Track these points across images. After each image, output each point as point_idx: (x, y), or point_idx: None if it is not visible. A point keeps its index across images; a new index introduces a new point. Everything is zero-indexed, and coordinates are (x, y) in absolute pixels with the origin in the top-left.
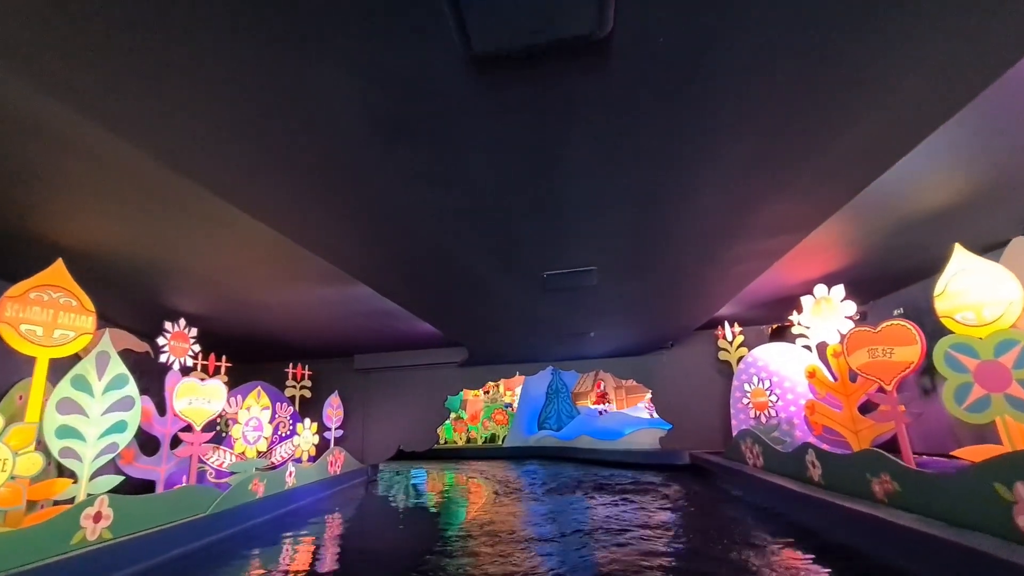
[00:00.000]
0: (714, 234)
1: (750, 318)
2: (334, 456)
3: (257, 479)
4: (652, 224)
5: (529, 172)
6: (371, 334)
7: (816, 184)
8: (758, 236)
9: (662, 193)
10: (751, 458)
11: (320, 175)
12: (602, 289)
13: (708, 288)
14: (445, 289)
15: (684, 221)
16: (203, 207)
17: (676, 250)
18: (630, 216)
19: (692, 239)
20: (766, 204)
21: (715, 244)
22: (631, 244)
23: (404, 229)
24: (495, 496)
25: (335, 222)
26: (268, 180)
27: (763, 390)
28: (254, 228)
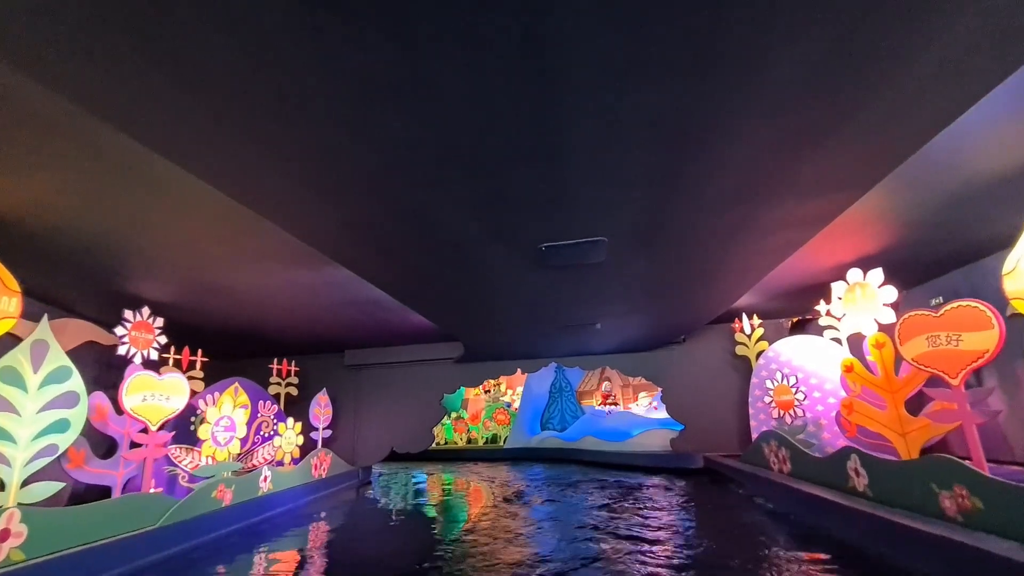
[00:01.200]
0: (753, 190)
1: (770, 310)
2: (319, 458)
3: (223, 485)
4: (674, 180)
5: (521, 111)
6: (361, 327)
7: (883, 125)
8: (804, 194)
9: (691, 127)
10: (776, 463)
11: (280, 134)
12: (609, 268)
13: (733, 267)
14: (427, 265)
15: (717, 170)
16: (154, 171)
17: (700, 216)
18: (647, 169)
19: (722, 197)
20: (821, 147)
21: (750, 206)
22: (645, 207)
23: (376, 193)
24: (494, 503)
25: (297, 188)
26: (224, 141)
27: (788, 387)
28: (218, 201)
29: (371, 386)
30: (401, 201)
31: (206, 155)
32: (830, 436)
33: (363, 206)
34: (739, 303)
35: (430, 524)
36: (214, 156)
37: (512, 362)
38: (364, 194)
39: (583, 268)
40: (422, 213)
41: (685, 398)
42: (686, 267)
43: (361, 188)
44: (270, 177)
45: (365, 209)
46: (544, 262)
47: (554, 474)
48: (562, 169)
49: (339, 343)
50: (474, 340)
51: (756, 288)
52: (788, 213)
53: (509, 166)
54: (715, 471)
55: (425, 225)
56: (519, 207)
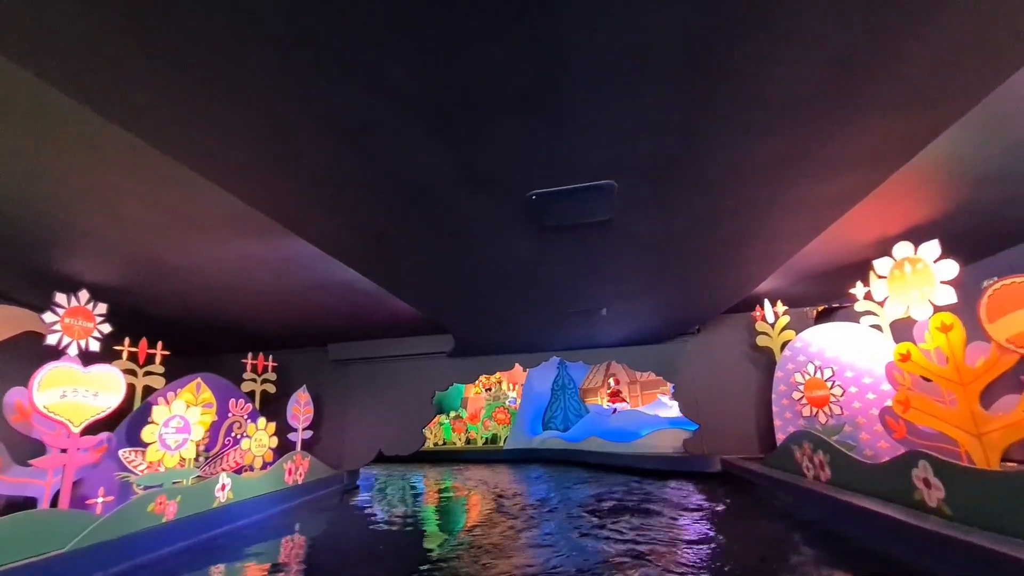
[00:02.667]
0: (792, 145)
1: (796, 296)
2: (294, 462)
3: (164, 496)
4: (701, 105)
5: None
6: (337, 315)
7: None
8: (861, 136)
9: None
10: (810, 468)
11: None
12: (616, 233)
13: (766, 233)
14: (394, 227)
15: (752, 104)
16: (80, 127)
17: (726, 167)
18: (664, 95)
19: (756, 135)
20: (880, 81)
21: (789, 165)
22: (660, 143)
23: (330, 131)
24: (490, 513)
25: (244, 137)
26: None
27: (822, 381)
28: (156, 162)
29: (357, 383)
30: (359, 138)
31: (141, 110)
32: (869, 437)
33: (318, 153)
34: (760, 288)
35: (417, 537)
36: (151, 111)
37: (509, 356)
38: (318, 137)
39: (585, 232)
40: (385, 152)
41: (699, 395)
42: (706, 233)
43: (312, 129)
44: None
45: (320, 155)
46: (538, 219)
47: (556, 478)
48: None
49: (321, 336)
50: (464, 330)
51: (781, 269)
52: (835, 170)
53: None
54: (735, 476)
55: (389, 169)
56: (503, 141)
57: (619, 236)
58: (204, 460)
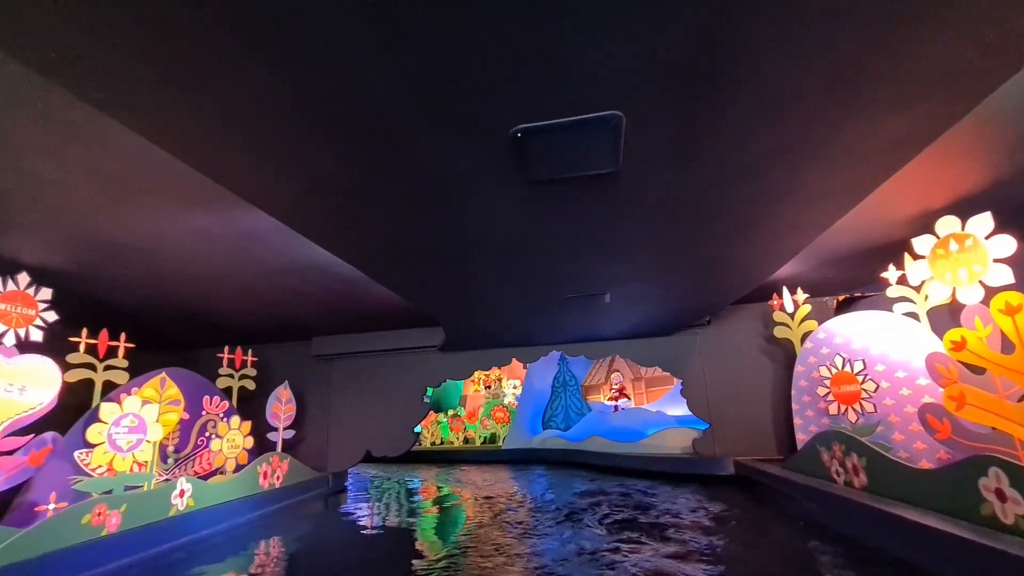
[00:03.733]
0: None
1: (817, 282)
2: (271, 464)
3: (104, 506)
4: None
5: None
6: (321, 308)
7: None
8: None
9: None
10: (841, 473)
11: None
12: (620, 194)
13: (802, 195)
14: (353, 182)
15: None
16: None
17: (774, 75)
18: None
19: (812, 46)
20: None
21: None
22: (683, 50)
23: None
24: (483, 523)
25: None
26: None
27: (852, 375)
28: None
29: (343, 379)
30: (282, 49)
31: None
32: (903, 438)
33: (231, 70)
34: (777, 274)
35: (405, 548)
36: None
37: (505, 351)
38: (226, 45)
39: (583, 192)
40: (322, 68)
41: (710, 391)
42: (729, 192)
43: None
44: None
45: (237, 76)
46: (527, 170)
47: (557, 482)
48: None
49: (304, 330)
50: (453, 320)
51: (803, 253)
52: (882, 125)
53: None
54: (750, 480)
55: (332, 94)
56: (473, 46)
57: (624, 197)
58: (174, 462)
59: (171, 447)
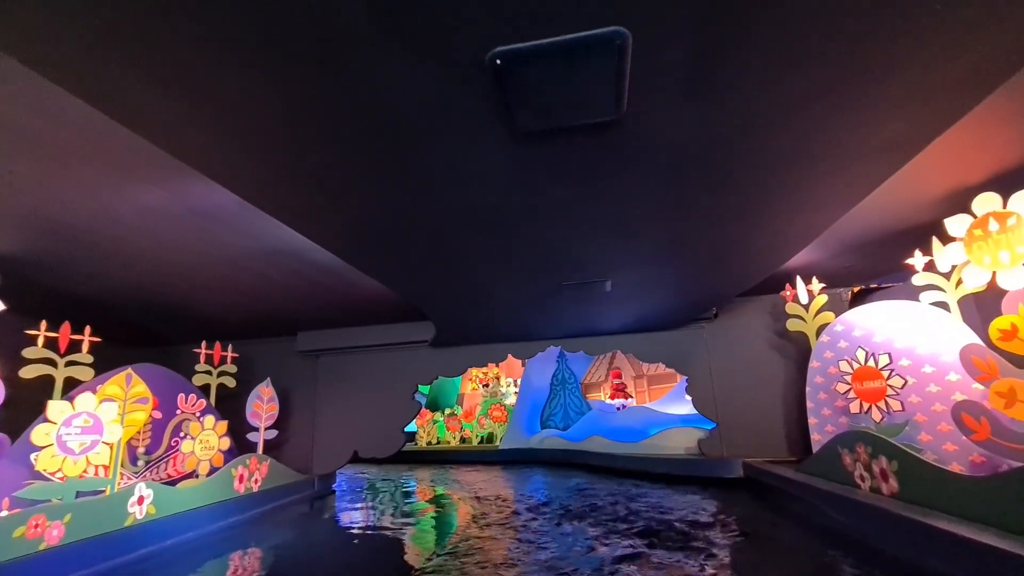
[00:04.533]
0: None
1: (833, 272)
2: (248, 466)
3: (43, 516)
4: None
5: None
6: (303, 300)
7: None
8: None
9: None
10: (866, 478)
11: None
12: (623, 149)
13: (819, 159)
14: (300, 120)
15: None
16: None
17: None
18: None
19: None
20: None
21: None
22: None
23: None
24: (478, 527)
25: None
26: None
27: (876, 370)
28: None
29: (329, 376)
30: None
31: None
32: (931, 438)
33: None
34: (791, 263)
35: (388, 556)
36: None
37: (500, 346)
38: None
39: (579, 147)
40: None
41: (717, 388)
42: (753, 144)
43: None
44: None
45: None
46: (511, 115)
47: (554, 484)
48: None
49: (289, 324)
50: (442, 312)
51: (819, 238)
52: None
53: None
54: (761, 483)
55: (285, 22)
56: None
57: (628, 154)
58: (145, 464)
59: (141, 448)
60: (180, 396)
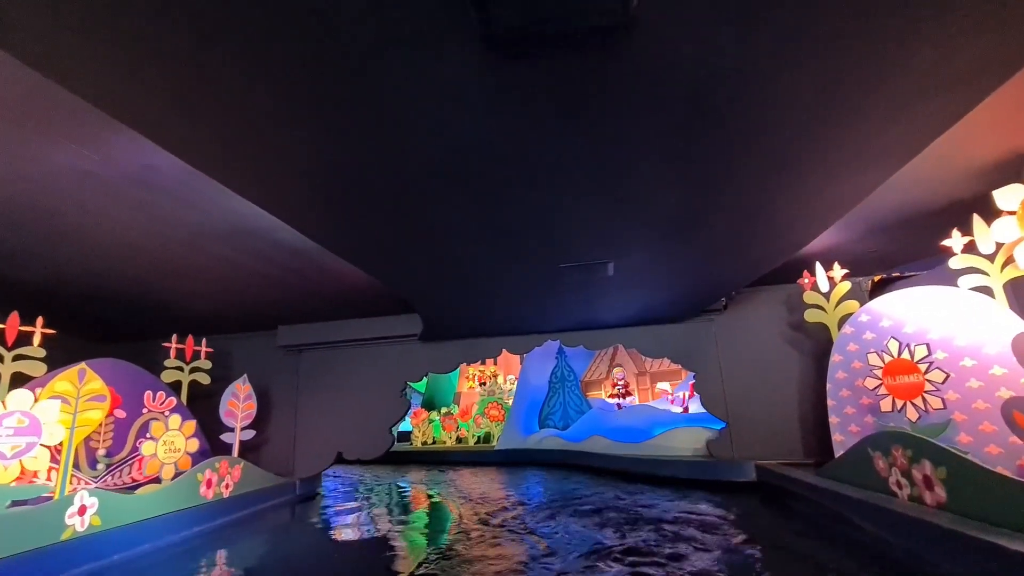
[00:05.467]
0: None
1: (856, 257)
2: (216, 470)
3: None
4: None
5: None
6: (275, 287)
7: None
8: None
9: None
10: (906, 485)
11: None
12: (634, 64)
13: (866, 107)
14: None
15: None
16: None
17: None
18: None
19: None
20: None
21: None
22: None
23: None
24: (465, 537)
25: None
26: None
27: (912, 363)
28: None
29: (312, 373)
30: None
31: None
32: (972, 439)
33: None
34: (809, 248)
35: (369, 565)
36: None
37: (494, 340)
38: None
39: (576, 70)
40: None
41: (728, 385)
42: (779, 91)
43: None
44: None
45: None
46: (484, 15)
47: (553, 488)
48: None
49: (268, 317)
50: (427, 299)
51: (844, 218)
52: None
53: None
54: (776, 488)
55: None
56: None
57: (637, 80)
58: (105, 468)
59: (101, 450)
60: (147, 394)
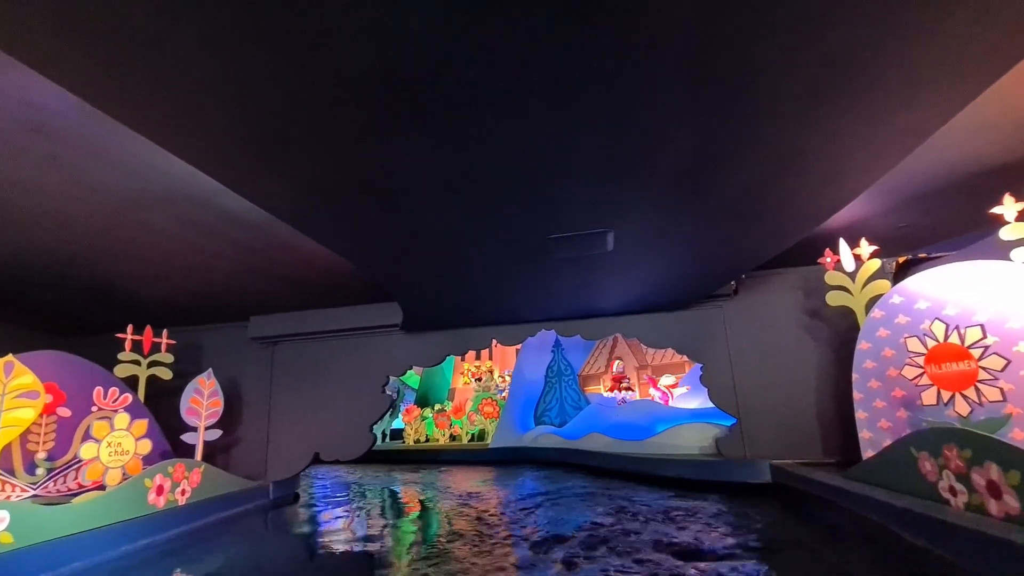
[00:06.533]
0: None
1: (886, 232)
2: (170, 475)
3: None
4: None
5: None
6: (232, 268)
7: None
8: None
9: None
10: (962, 492)
11: None
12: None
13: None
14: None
15: None
16: None
17: None
18: None
19: None
20: None
21: None
22: None
23: None
24: (452, 546)
25: None
26: None
27: (963, 348)
28: None
29: (287, 367)
30: None
31: None
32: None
33: None
34: (832, 222)
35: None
36: None
37: (482, 330)
38: None
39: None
40: None
41: (738, 377)
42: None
43: None
44: None
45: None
46: None
47: (545, 493)
48: None
49: (237, 306)
50: (403, 280)
51: (875, 185)
52: None
53: None
54: (794, 491)
55: None
56: None
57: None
58: (46, 473)
59: (41, 453)
60: (97, 390)
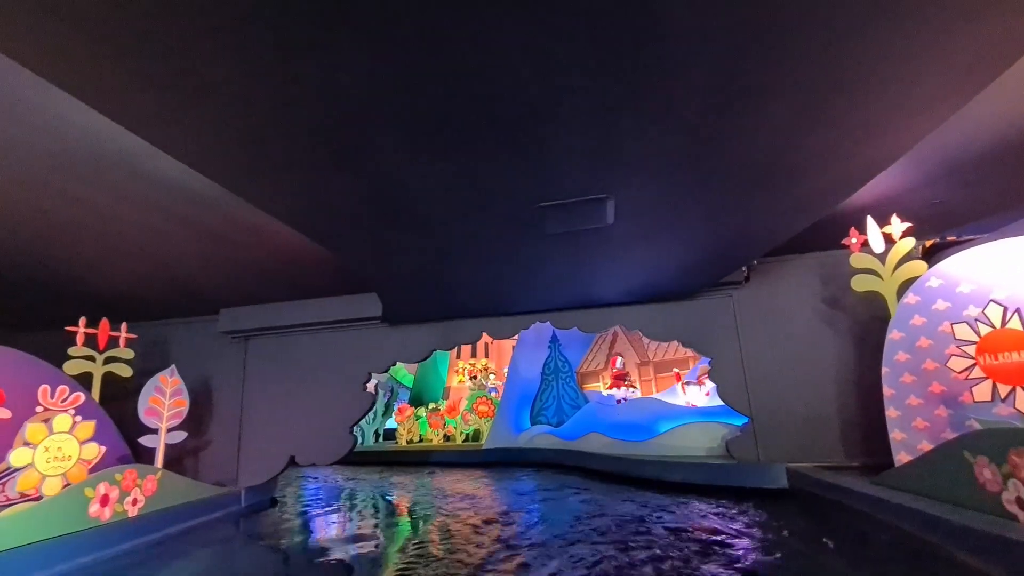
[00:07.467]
0: None
1: (921, 208)
2: (118, 482)
3: None
4: None
5: None
6: (193, 252)
7: None
8: None
9: None
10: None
11: None
12: None
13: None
14: None
15: None
16: None
17: None
18: None
19: None
20: None
21: None
22: None
23: None
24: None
25: None
26: None
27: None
28: None
29: (260, 363)
30: None
31: None
32: None
33: None
34: (853, 200)
35: None
36: None
37: (471, 322)
38: None
39: None
40: None
41: (750, 373)
42: None
43: None
44: None
45: None
46: None
47: (537, 498)
48: None
49: (206, 299)
50: (377, 265)
51: (908, 154)
52: None
53: None
54: (816, 498)
55: None
56: None
57: None
58: None
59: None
60: (43, 388)
